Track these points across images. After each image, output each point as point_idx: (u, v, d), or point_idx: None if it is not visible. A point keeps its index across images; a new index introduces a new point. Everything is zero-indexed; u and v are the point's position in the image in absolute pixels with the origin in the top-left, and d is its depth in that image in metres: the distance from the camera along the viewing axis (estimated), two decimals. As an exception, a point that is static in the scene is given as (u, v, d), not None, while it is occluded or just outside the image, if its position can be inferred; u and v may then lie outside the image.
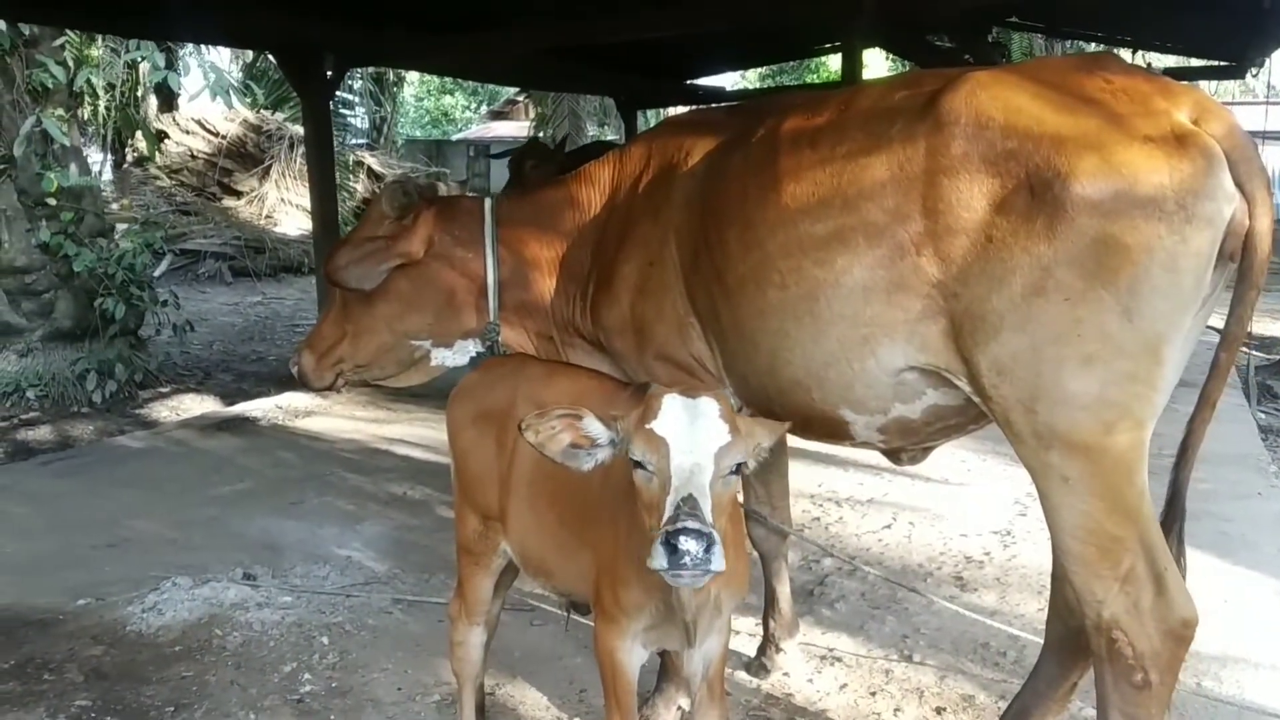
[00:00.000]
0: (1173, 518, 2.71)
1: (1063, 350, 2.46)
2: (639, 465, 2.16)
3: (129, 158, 19.90)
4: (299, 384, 4.26)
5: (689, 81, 13.82)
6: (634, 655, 2.58)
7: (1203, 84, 13.41)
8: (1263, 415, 8.24)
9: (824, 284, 2.81)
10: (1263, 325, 12.22)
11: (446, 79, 35.36)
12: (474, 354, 3.99)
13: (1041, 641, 3.26)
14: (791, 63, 25.09)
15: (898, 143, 2.69)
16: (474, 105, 41.55)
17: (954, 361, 2.67)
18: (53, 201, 9.07)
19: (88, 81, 10.22)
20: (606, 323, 3.54)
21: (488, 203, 3.90)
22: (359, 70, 22.38)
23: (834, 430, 3.09)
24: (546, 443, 2.26)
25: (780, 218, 2.91)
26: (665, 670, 3.49)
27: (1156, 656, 2.56)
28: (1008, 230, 2.49)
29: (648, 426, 2.14)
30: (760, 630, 3.99)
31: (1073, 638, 3.01)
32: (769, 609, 3.93)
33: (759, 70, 27.85)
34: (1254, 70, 11.24)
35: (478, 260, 3.83)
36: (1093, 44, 16.66)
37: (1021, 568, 4.93)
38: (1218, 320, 2.65)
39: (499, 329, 3.85)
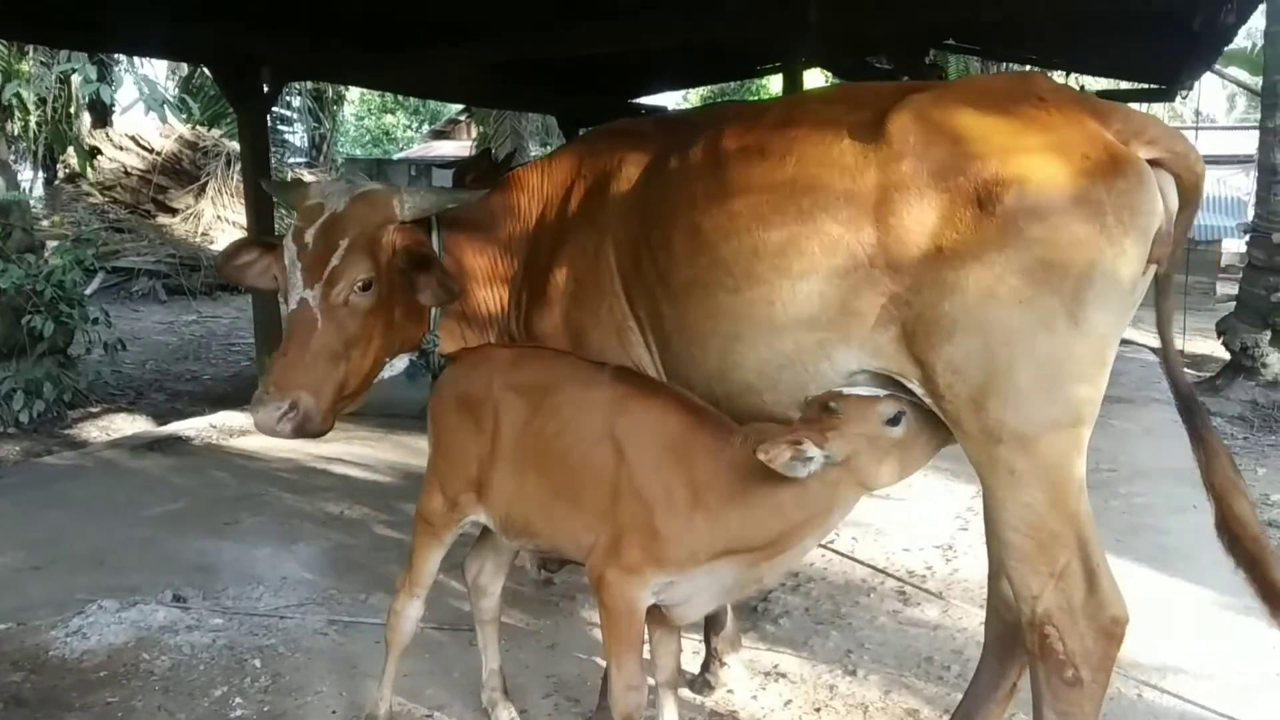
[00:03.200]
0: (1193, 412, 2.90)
1: (1014, 351, 2.59)
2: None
3: (60, 173, 19.54)
4: (289, 434, 3.29)
5: (632, 100, 13.85)
6: (646, 604, 2.91)
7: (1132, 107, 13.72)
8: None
9: (780, 289, 2.85)
10: (1194, 344, 12.49)
11: (388, 97, 35.27)
12: (408, 363, 3.85)
13: (985, 654, 3.26)
14: (733, 84, 25.34)
15: (849, 157, 2.78)
16: (415, 124, 41.39)
17: (907, 365, 2.75)
18: (-21, 216, 8.84)
19: (17, 95, 10.04)
20: (540, 330, 3.49)
21: (434, 216, 3.79)
22: (298, 87, 22.22)
23: None
24: (773, 460, 2.56)
25: (732, 224, 2.94)
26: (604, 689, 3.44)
27: (1088, 654, 2.66)
28: (958, 241, 2.61)
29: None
30: (703, 646, 3.95)
31: (1010, 634, 3.09)
32: (711, 625, 3.89)
33: (700, 90, 28.03)
34: (1183, 93, 11.53)
35: None
36: (1027, 66, 17.02)
37: (964, 581, 4.94)
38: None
39: (438, 340, 3.73)
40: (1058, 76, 15.38)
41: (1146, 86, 12.29)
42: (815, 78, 16.79)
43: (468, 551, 3.67)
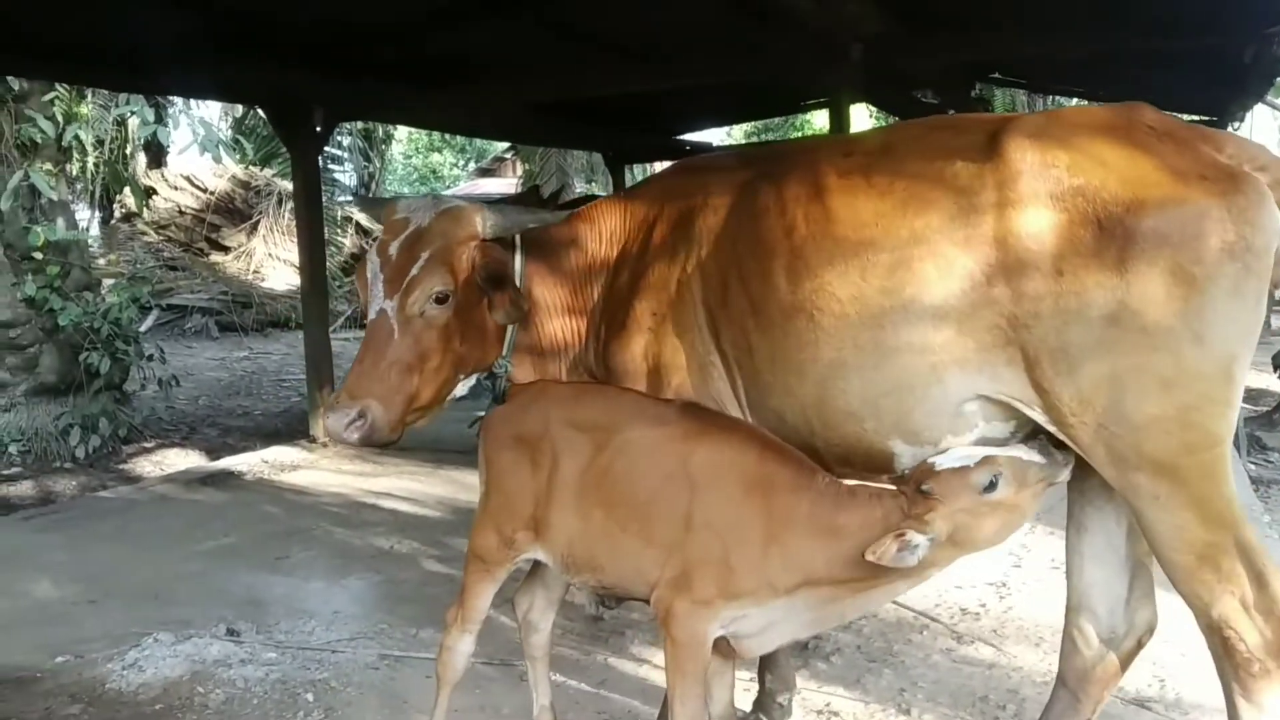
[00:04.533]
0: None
1: (1142, 378, 2.60)
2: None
3: (116, 213, 19.93)
4: (356, 441, 3.33)
5: (676, 137, 13.94)
6: (713, 638, 2.90)
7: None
8: (1253, 466, 8.24)
9: (890, 311, 2.85)
10: (1250, 378, 12.25)
11: (435, 136, 35.69)
12: (473, 385, 3.82)
13: (1040, 693, 3.22)
14: (776, 119, 25.37)
15: (963, 178, 2.79)
16: (462, 163, 41.83)
17: (1027, 391, 2.75)
18: (39, 256, 9.04)
19: (76, 137, 10.26)
20: (618, 364, 3.45)
21: (518, 236, 3.71)
22: (348, 127, 22.55)
23: (876, 463, 3.05)
24: (881, 558, 2.58)
25: (838, 249, 2.95)
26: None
27: (1269, 646, 2.67)
28: (1079, 264, 2.61)
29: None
30: (756, 684, 3.92)
31: (1089, 669, 3.15)
32: (765, 663, 3.85)
33: (744, 126, 28.11)
34: (1235, 125, 11.38)
35: None
36: (1073, 99, 16.91)
37: (1018, 619, 4.87)
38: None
39: (510, 365, 3.65)
40: (1105, 109, 15.26)
41: (1197, 118, 12.16)
42: (860, 112, 16.82)
43: (518, 587, 3.67)
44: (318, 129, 9.48)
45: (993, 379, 2.79)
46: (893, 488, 2.78)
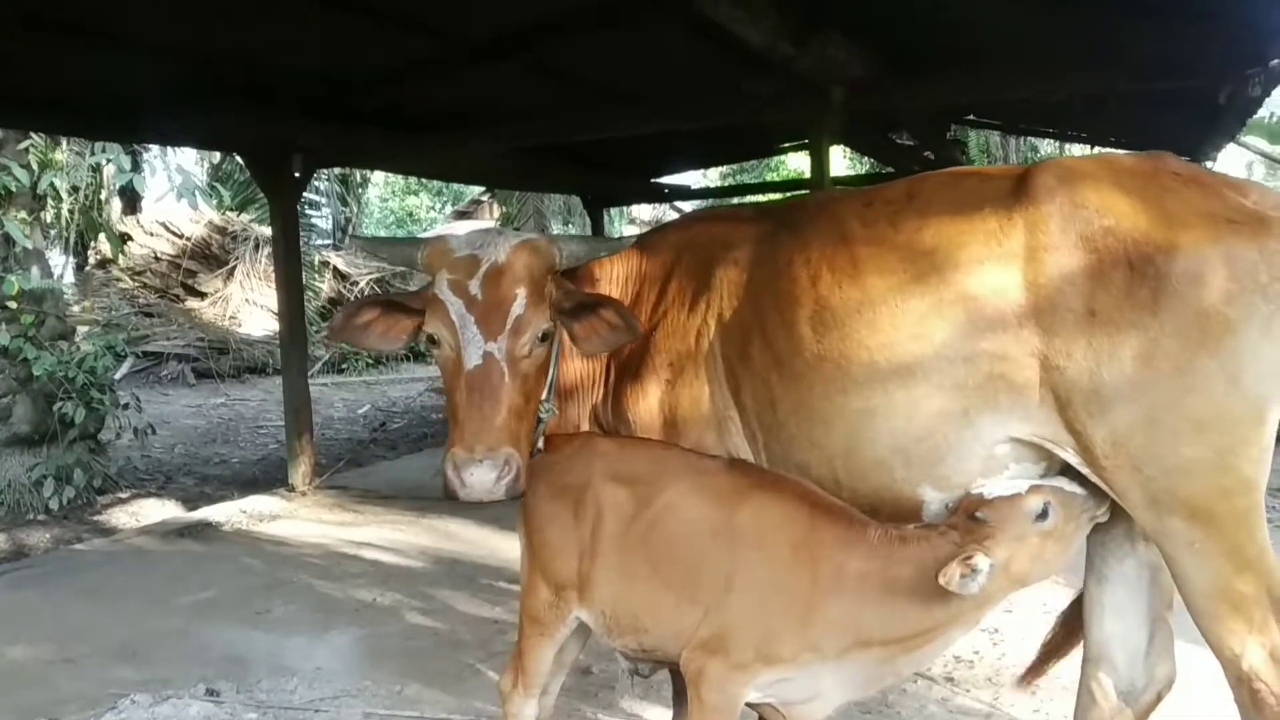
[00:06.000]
0: None
1: (1175, 419, 2.60)
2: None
3: (91, 260, 19.84)
4: (503, 494, 2.96)
5: (654, 179, 13.98)
6: (744, 702, 2.84)
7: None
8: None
9: (921, 358, 2.83)
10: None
11: (411, 180, 35.69)
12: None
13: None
14: (751, 161, 25.56)
15: (993, 221, 2.80)
16: (438, 205, 41.81)
17: (1061, 433, 2.74)
18: (13, 304, 8.90)
19: (51, 184, 10.14)
20: (632, 415, 3.38)
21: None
22: (325, 171, 22.54)
23: (904, 512, 3.00)
24: (949, 583, 2.53)
25: (866, 297, 2.93)
26: None
27: None
28: (1111, 305, 2.62)
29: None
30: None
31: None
32: (758, 712, 3.77)
33: (720, 169, 28.30)
34: (1208, 163, 11.52)
35: None
36: (1046, 140, 17.09)
37: (1012, 666, 4.80)
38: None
39: (554, 410, 3.40)
40: (1079, 149, 15.46)
41: (1169, 158, 12.28)
42: (836, 153, 16.95)
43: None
44: (296, 175, 9.43)
45: (1025, 420, 2.78)
46: (942, 526, 2.75)
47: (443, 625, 5.68)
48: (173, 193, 11.13)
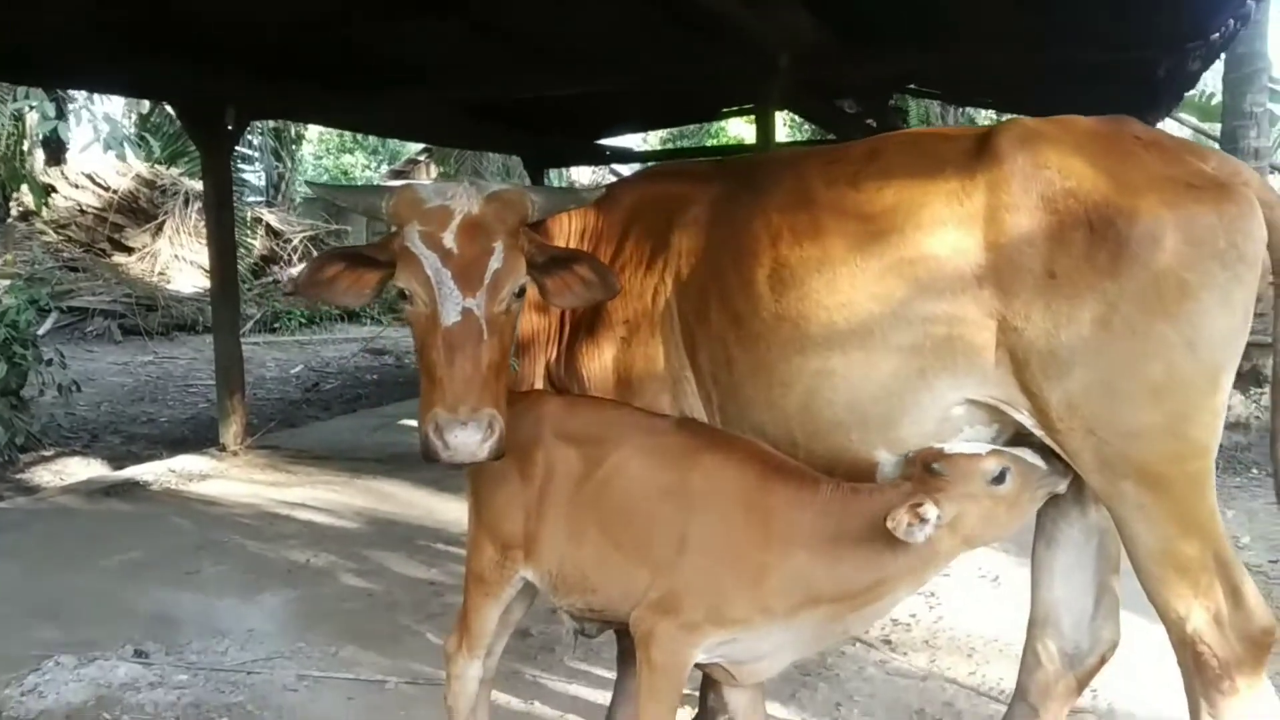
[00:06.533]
0: None
1: (1131, 384, 2.62)
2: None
3: (13, 212, 19.22)
4: (486, 456, 2.82)
5: (597, 140, 13.87)
6: (693, 663, 2.84)
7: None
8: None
9: (880, 318, 2.81)
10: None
11: (346, 137, 35.14)
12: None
13: (974, 705, 3.22)
14: (691, 126, 25.48)
15: (954, 181, 2.78)
16: (374, 164, 41.14)
17: (1015, 394, 2.75)
18: (-70, 255, 8.62)
19: (-30, 131, 9.82)
20: (586, 374, 3.33)
21: None
22: (258, 126, 22.07)
23: (859, 475, 2.98)
24: (897, 528, 2.52)
25: (826, 255, 2.91)
26: None
27: (1240, 664, 2.70)
28: (1070, 267, 2.62)
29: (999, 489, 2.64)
30: (696, 702, 3.84)
31: (1052, 682, 3.18)
32: (708, 682, 3.76)
33: (661, 132, 28.18)
34: (1143, 139, 11.72)
35: None
36: (986, 110, 17.25)
37: (949, 629, 4.88)
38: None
39: (516, 366, 3.39)
40: (1017, 122, 15.62)
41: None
42: (780, 119, 16.96)
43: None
44: (229, 127, 9.18)
45: (981, 381, 2.78)
46: (897, 478, 2.76)
47: (378, 587, 5.60)
48: (99, 143, 10.82)
